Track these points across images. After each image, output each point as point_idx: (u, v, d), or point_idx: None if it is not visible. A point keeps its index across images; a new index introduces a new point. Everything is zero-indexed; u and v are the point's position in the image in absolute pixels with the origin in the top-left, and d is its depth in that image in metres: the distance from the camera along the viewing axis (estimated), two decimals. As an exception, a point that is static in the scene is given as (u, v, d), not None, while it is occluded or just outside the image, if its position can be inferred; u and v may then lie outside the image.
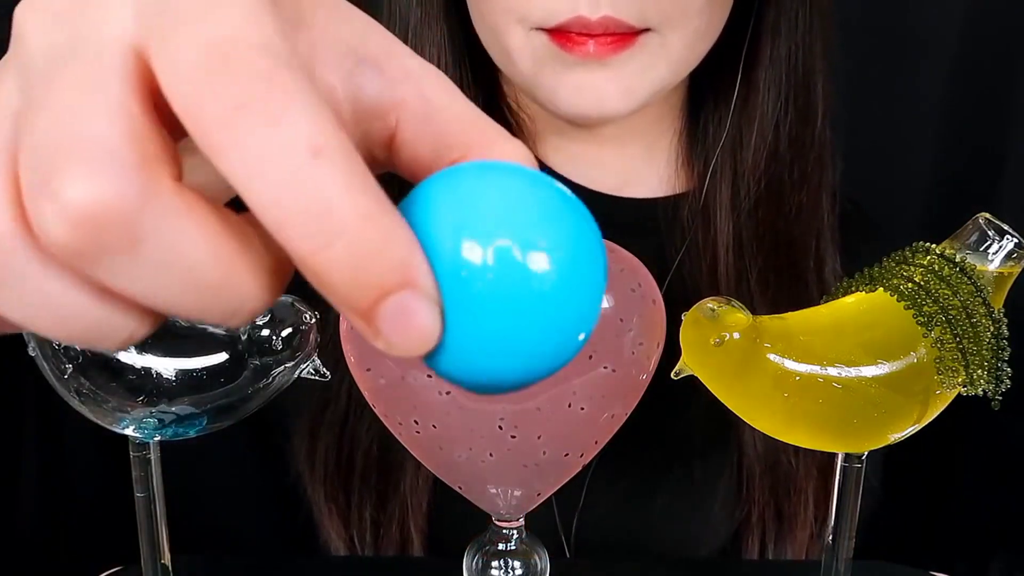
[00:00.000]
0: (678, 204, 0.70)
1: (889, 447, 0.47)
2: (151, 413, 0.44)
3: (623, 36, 0.56)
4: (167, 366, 0.44)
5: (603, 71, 0.57)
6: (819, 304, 0.48)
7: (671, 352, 0.44)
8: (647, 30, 0.57)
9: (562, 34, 0.56)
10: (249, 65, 0.19)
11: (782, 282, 0.67)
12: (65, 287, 0.21)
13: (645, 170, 0.71)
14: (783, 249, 0.67)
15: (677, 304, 0.44)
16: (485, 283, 0.20)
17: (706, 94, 0.68)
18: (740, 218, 0.67)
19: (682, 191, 0.70)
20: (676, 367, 0.44)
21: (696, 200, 0.69)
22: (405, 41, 0.63)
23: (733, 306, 0.43)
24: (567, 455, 0.44)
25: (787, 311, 0.47)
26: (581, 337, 0.22)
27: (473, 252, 0.20)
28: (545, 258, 0.20)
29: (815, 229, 0.68)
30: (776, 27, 0.64)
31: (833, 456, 0.48)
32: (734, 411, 0.46)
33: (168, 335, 0.44)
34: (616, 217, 0.70)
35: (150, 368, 0.43)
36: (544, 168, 0.68)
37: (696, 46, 0.60)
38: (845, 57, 0.70)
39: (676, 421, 0.67)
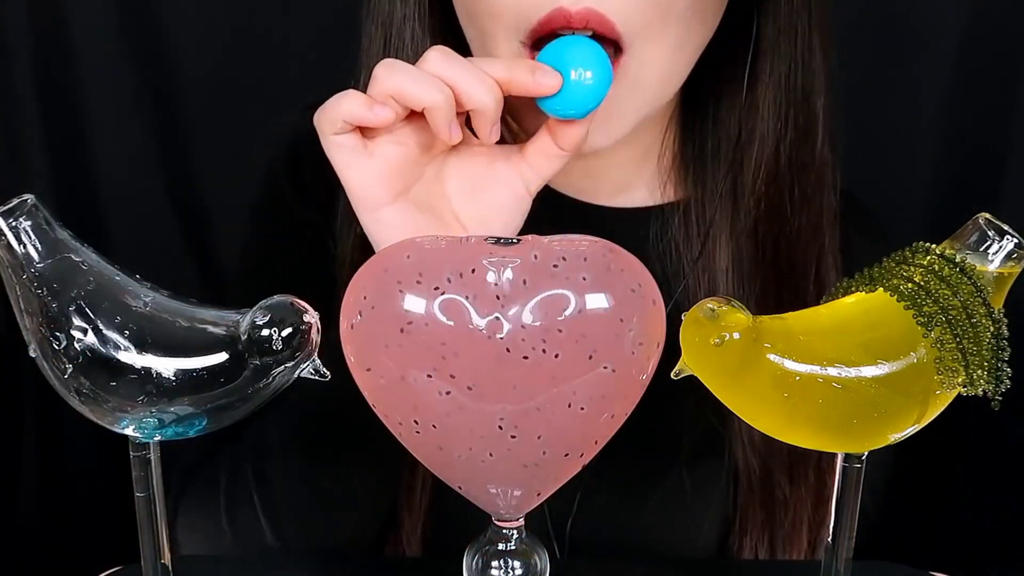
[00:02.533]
0: (672, 212, 0.69)
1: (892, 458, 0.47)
2: (151, 413, 0.44)
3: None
4: (167, 366, 0.43)
5: None
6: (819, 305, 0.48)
7: (671, 352, 0.44)
8: (621, 53, 0.57)
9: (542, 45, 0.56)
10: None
11: (782, 305, 0.66)
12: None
13: (637, 179, 0.71)
14: (784, 271, 0.67)
15: (676, 322, 0.44)
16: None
17: (706, 110, 0.68)
18: (740, 239, 0.67)
19: (675, 199, 0.70)
20: (676, 367, 0.44)
21: (697, 215, 0.68)
22: (386, 40, 0.63)
23: (733, 306, 0.43)
24: (567, 455, 0.44)
25: None
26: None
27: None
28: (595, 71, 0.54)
29: (815, 251, 0.67)
30: (775, 45, 0.64)
31: (827, 484, 0.48)
32: (734, 411, 0.46)
33: (168, 335, 0.44)
34: (612, 226, 0.70)
35: (150, 368, 0.43)
36: None
37: (671, 64, 0.60)
38: (847, 57, 0.70)
39: (669, 425, 0.67)
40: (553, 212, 0.68)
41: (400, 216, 0.55)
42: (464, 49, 0.62)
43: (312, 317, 0.44)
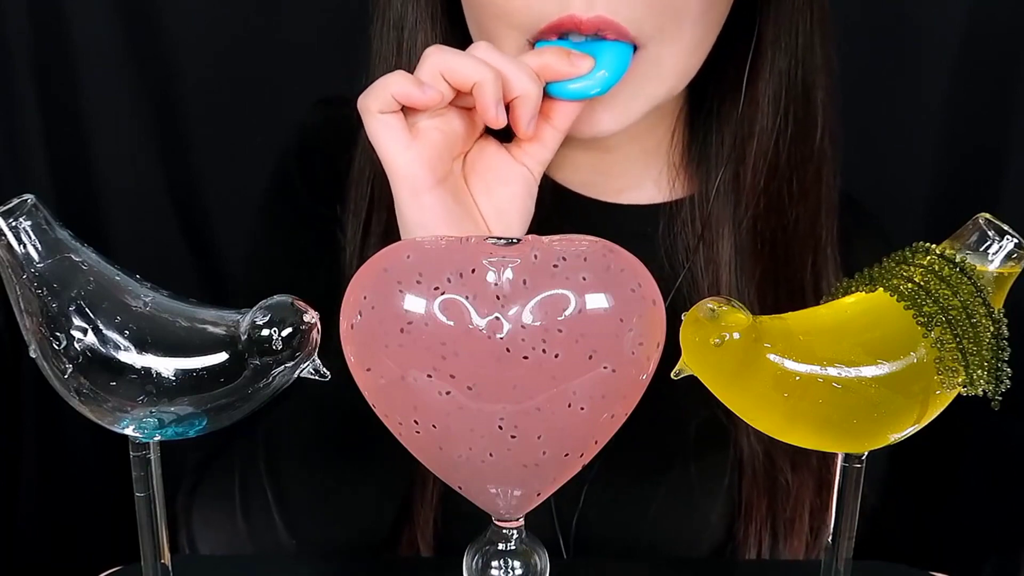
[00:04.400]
0: (679, 209, 0.70)
1: (889, 451, 0.47)
2: (151, 413, 0.44)
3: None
4: (167, 366, 0.44)
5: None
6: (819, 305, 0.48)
7: (671, 352, 0.44)
8: (637, 49, 0.58)
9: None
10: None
11: (780, 296, 0.67)
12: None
13: (646, 175, 0.71)
14: (781, 262, 0.68)
15: (679, 320, 0.44)
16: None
17: (710, 106, 0.69)
18: (741, 233, 0.67)
19: (682, 196, 0.71)
20: (676, 367, 0.44)
21: (701, 210, 0.69)
22: (399, 44, 0.64)
23: (733, 306, 0.43)
24: (567, 455, 0.44)
25: None
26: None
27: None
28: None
29: (812, 244, 0.68)
30: (776, 41, 0.64)
31: (828, 467, 0.49)
32: (734, 411, 0.46)
33: (168, 335, 0.44)
34: (619, 224, 0.70)
35: (150, 368, 0.43)
36: (549, 179, 0.69)
37: (689, 60, 0.61)
38: (847, 56, 0.70)
39: (675, 417, 0.68)
40: (563, 208, 0.69)
41: (441, 202, 0.55)
42: None
43: (312, 317, 0.44)
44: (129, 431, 0.46)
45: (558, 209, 0.67)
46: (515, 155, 0.59)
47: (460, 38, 0.64)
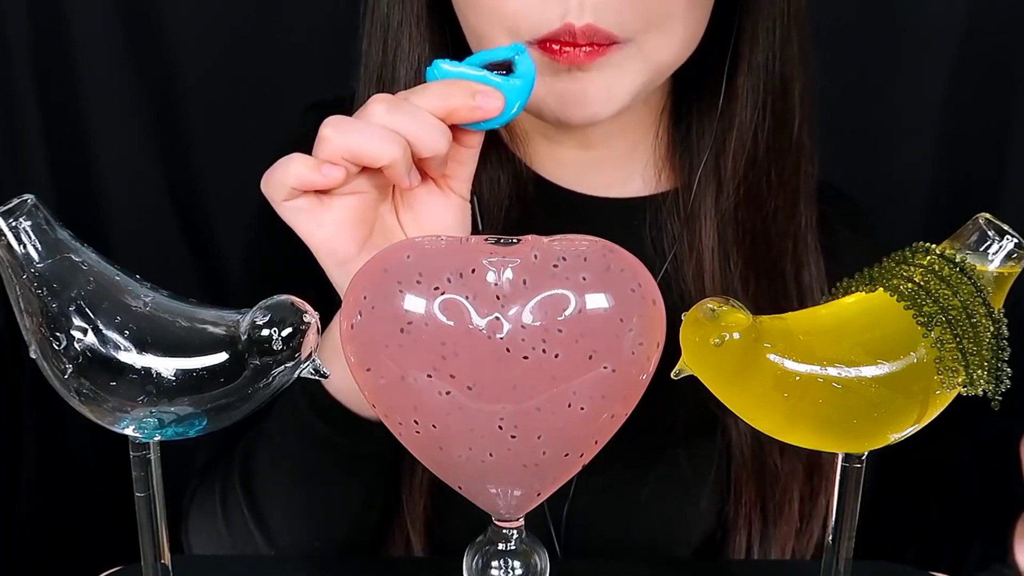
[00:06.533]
0: (664, 202, 0.71)
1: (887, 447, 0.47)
2: (151, 413, 0.44)
3: (602, 46, 0.58)
4: (167, 366, 0.43)
5: (585, 76, 0.59)
6: (815, 305, 0.49)
7: (671, 352, 0.44)
8: (625, 41, 0.58)
9: (548, 47, 0.58)
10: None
11: (761, 283, 0.68)
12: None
13: (631, 170, 0.72)
14: (762, 250, 0.69)
15: (667, 307, 0.44)
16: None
17: (691, 99, 0.70)
18: (723, 222, 0.68)
19: (667, 189, 0.71)
20: (676, 367, 0.44)
21: (684, 201, 0.70)
22: (384, 43, 0.64)
23: (733, 306, 0.43)
24: (567, 455, 0.44)
25: (767, 311, 0.47)
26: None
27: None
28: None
29: (792, 232, 0.69)
30: (754, 36, 0.66)
31: (818, 453, 0.49)
32: (734, 411, 0.46)
33: (168, 335, 0.44)
34: (606, 217, 0.71)
35: (150, 368, 0.43)
36: (533, 174, 0.69)
37: (677, 52, 0.62)
38: (847, 56, 0.71)
39: (665, 403, 0.68)
40: (549, 203, 0.69)
41: None
42: (463, 49, 0.63)
43: (312, 317, 0.44)
44: (129, 431, 0.46)
45: (543, 204, 0.68)
46: (441, 185, 0.57)
47: (445, 38, 0.65)
